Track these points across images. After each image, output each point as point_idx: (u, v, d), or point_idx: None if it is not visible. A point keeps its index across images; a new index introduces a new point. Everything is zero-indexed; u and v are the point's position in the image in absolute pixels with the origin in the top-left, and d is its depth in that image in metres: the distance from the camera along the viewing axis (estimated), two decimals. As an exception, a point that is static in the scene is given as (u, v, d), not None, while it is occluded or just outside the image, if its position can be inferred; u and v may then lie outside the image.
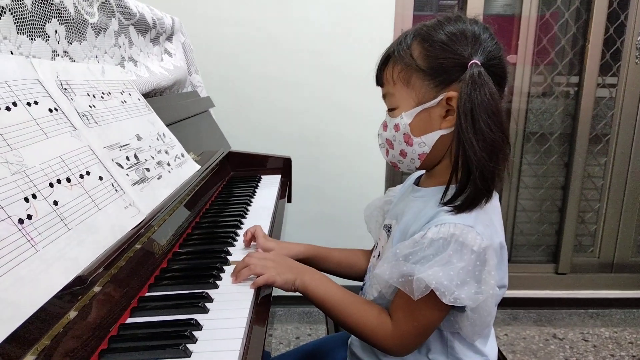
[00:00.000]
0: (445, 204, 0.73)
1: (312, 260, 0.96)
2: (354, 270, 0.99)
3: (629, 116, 2.11)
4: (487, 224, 0.72)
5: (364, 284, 0.93)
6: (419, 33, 0.75)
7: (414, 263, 0.70)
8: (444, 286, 0.66)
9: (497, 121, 0.70)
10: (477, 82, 0.69)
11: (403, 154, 0.79)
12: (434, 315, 0.73)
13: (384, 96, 0.81)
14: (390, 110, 0.79)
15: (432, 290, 0.67)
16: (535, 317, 2.19)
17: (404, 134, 0.77)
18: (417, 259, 0.70)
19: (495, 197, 0.77)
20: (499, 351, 0.94)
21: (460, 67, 0.71)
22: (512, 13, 2.07)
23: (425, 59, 0.73)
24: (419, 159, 0.78)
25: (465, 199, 0.71)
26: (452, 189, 0.73)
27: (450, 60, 0.72)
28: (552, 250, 2.30)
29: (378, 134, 0.83)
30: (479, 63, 0.70)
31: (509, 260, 2.26)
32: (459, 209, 0.71)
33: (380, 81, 0.81)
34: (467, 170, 0.71)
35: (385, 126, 0.81)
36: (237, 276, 0.79)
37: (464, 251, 0.68)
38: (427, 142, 0.76)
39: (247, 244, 0.95)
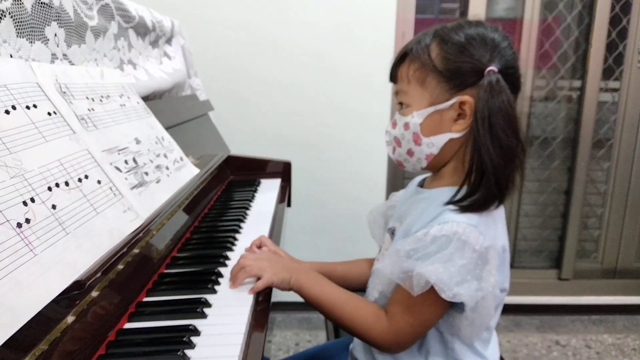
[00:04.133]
0: (453, 203, 0.73)
1: None
2: (360, 282, 0.99)
3: (631, 121, 2.10)
4: (490, 225, 0.73)
5: (367, 288, 0.93)
6: (439, 34, 0.75)
7: (415, 260, 0.70)
8: (444, 282, 0.66)
9: (513, 128, 0.71)
10: (495, 89, 0.70)
11: (410, 153, 0.79)
12: (431, 312, 0.73)
13: (396, 93, 0.80)
14: (402, 108, 0.79)
15: (431, 287, 0.67)
16: (537, 323, 2.18)
17: (414, 133, 0.77)
18: (419, 256, 0.70)
19: None
20: (502, 358, 0.93)
21: (476, 73, 0.72)
22: (514, 17, 2.07)
23: (442, 60, 0.73)
24: (425, 159, 0.78)
25: (475, 201, 0.71)
26: (463, 191, 0.73)
27: (468, 64, 0.72)
28: (555, 255, 2.29)
29: (386, 131, 0.83)
30: (496, 70, 0.71)
31: (511, 266, 2.25)
32: (465, 209, 0.71)
33: (394, 77, 0.81)
34: (481, 174, 0.71)
35: (394, 124, 0.81)
36: (233, 280, 0.79)
37: (465, 249, 0.68)
38: (435, 143, 0.76)
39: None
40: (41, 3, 0.79)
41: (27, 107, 0.64)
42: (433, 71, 0.74)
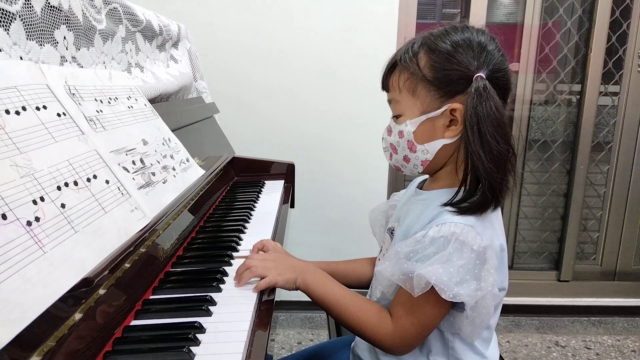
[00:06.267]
0: (451, 205, 0.74)
1: None
2: (361, 281, 1.00)
3: (631, 124, 2.11)
4: (487, 225, 0.74)
5: (370, 288, 0.94)
6: (426, 42, 0.76)
7: (415, 261, 0.71)
8: (443, 282, 0.67)
9: (502, 133, 0.71)
10: (482, 96, 0.71)
11: (406, 159, 0.81)
12: (433, 312, 0.74)
13: (389, 101, 0.82)
14: (395, 116, 0.80)
15: (432, 287, 0.68)
16: (537, 324, 2.19)
17: (408, 141, 0.78)
18: (418, 257, 0.71)
19: None
20: (502, 358, 0.94)
21: (465, 80, 0.72)
22: (514, 21, 2.08)
23: (431, 69, 0.74)
24: (421, 165, 0.80)
25: (472, 205, 0.72)
26: (460, 193, 0.74)
27: (456, 72, 0.73)
28: (554, 257, 2.30)
29: (382, 138, 0.85)
30: (484, 76, 0.72)
31: (511, 267, 2.27)
32: (462, 211, 0.72)
33: (385, 87, 0.82)
34: (475, 178, 0.72)
35: (389, 131, 0.82)
36: (239, 279, 0.80)
37: (464, 250, 0.69)
38: (430, 149, 0.77)
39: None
40: (51, 6, 0.80)
41: (37, 108, 0.66)
42: (423, 80, 0.75)
